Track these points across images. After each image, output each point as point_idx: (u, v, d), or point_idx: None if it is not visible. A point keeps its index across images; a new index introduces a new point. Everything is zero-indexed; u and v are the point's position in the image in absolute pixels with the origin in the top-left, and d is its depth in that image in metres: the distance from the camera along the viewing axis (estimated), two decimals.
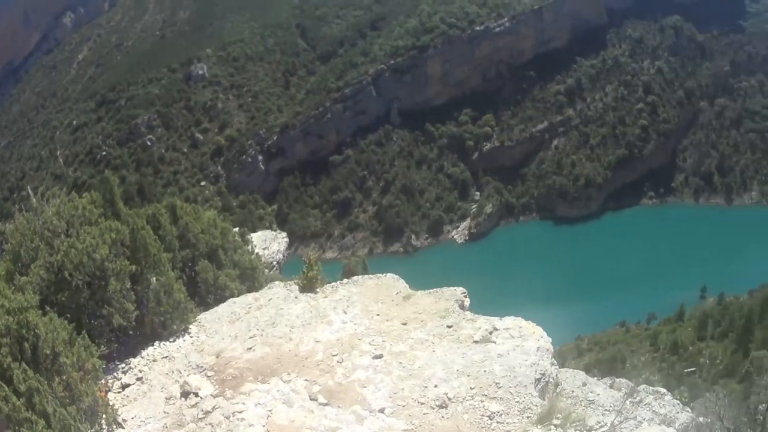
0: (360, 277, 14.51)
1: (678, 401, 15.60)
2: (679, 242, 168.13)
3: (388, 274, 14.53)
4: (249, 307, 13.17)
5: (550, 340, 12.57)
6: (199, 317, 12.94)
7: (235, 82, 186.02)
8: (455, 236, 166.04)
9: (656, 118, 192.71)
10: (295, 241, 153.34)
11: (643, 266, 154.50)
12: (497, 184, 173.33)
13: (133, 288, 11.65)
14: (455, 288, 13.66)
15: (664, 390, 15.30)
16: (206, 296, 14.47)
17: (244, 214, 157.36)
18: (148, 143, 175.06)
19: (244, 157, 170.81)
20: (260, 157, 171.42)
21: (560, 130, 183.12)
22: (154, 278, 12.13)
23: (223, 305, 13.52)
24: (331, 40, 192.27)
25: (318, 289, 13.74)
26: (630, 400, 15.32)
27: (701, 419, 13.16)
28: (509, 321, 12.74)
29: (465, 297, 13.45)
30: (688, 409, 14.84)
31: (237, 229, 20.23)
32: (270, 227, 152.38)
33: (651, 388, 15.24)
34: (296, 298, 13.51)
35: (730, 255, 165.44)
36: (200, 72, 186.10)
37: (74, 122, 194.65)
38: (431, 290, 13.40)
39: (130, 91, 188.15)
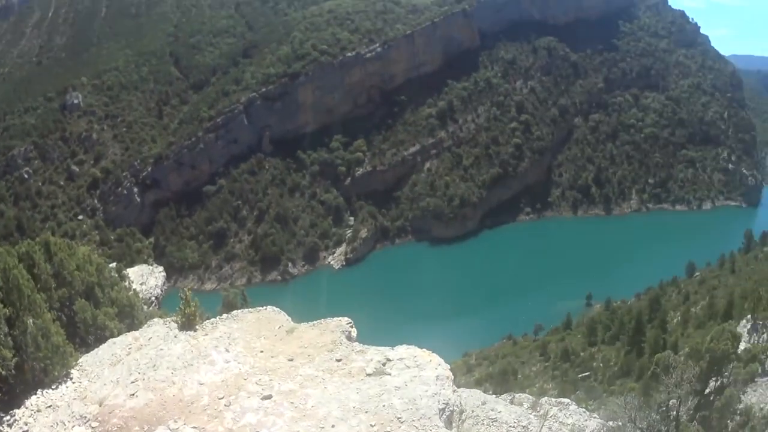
0: (240, 311, 13.72)
1: (584, 409, 16.09)
2: (561, 254, 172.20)
3: (269, 306, 13.85)
4: (129, 348, 12.41)
5: (448, 366, 12.06)
6: (80, 360, 12.11)
7: (109, 112, 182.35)
8: (332, 262, 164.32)
9: (530, 136, 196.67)
10: (174, 274, 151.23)
11: (525, 279, 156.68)
12: (371, 208, 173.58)
13: (9, 333, 11.00)
14: (340, 318, 12.98)
15: (567, 400, 15.96)
16: (86, 337, 13.70)
17: (122, 248, 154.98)
18: (25, 176, 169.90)
19: (119, 189, 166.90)
20: (135, 189, 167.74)
21: (433, 152, 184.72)
22: (31, 321, 11.41)
23: (103, 346, 12.72)
24: (204, 68, 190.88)
25: (197, 326, 12.94)
26: (534, 413, 15.81)
27: (611, 423, 13.00)
28: (402, 350, 12.12)
29: (351, 327, 12.74)
30: (596, 416, 15.05)
31: (113, 264, 19.51)
32: (147, 261, 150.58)
33: (554, 399, 15.60)
34: (176, 336, 12.71)
35: (614, 262, 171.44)
36: (75, 101, 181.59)
37: None
38: (315, 322, 12.79)
39: (7, 121, 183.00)
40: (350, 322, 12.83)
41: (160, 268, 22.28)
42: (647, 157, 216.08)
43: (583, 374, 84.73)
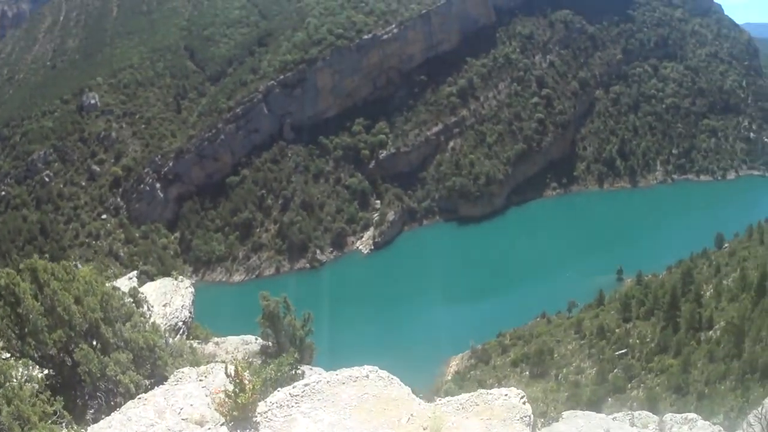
0: (325, 378, 9.72)
1: (710, 423, 14.51)
2: (589, 228, 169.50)
3: (366, 367, 10.28)
4: (151, 426, 8.80)
5: None
6: None
7: (127, 110, 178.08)
8: (360, 247, 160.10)
9: (552, 110, 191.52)
10: (201, 267, 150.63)
11: (555, 256, 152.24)
12: (397, 190, 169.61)
13: None
14: (506, 391, 9.32)
15: (693, 415, 14.50)
16: (94, 393, 10.81)
17: (147, 245, 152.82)
18: (46, 179, 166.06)
19: (142, 186, 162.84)
20: (158, 185, 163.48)
21: (455, 131, 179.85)
22: None
23: (115, 420, 9.09)
24: (220, 59, 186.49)
25: (257, 414, 8.65)
26: None
27: None
28: None
29: (524, 403, 9.02)
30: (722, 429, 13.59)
31: (128, 281, 16.85)
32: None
33: (678, 416, 14.44)
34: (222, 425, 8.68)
35: (642, 235, 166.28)
36: (92, 101, 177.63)
37: None
38: (464, 398, 9.30)
39: (25, 126, 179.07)
40: (523, 397, 9.37)
41: (187, 283, 19.02)
42: (670, 128, 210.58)
43: (620, 351, 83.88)
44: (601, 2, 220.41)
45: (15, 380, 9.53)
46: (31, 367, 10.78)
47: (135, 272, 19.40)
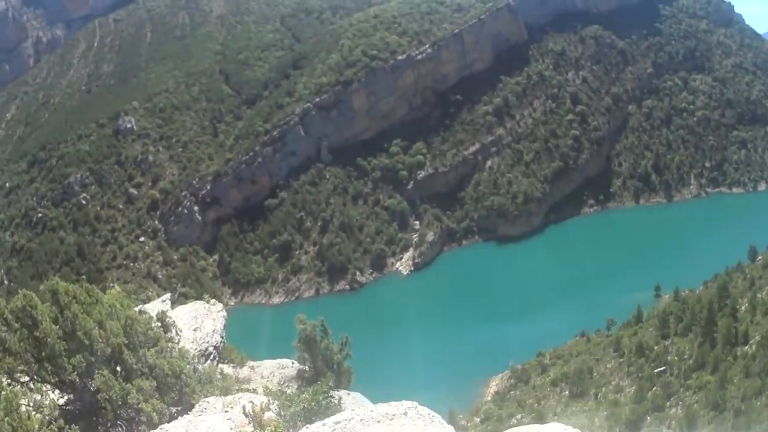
0: (353, 414, 9.03)
1: None
2: (626, 245, 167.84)
3: (405, 402, 9.43)
4: None
5: None
6: None
7: (164, 134, 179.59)
8: (400, 268, 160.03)
9: (587, 126, 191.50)
10: (240, 290, 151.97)
11: (593, 274, 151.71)
12: (436, 211, 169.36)
13: None
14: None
15: None
16: (115, 421, 10.56)
17: (186, 267, 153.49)
18: (83, 202, 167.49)
19: (179, 209, 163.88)
20: (196, 208, 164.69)
21: (492, 150, 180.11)
22: None
23: None
24: (256, 83, 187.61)
25: None
26: None
27: None
28: None
29: None
30: None
31: (158, 307, 16.06)
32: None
33: None
34: None
35: (679, 250, 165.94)
36: (128, 125, 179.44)
37: (7, 184, 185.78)
38: None
39: (61, 150, 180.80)
40: None
41: (219, 306, 18.29)
42: (702, 141, 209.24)
43: (659, 369, 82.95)
44: (629, 17, 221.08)
45: (24, 408, 9.25)
46: (44, 394, 10.55)
47: (168, 295, 19.00)
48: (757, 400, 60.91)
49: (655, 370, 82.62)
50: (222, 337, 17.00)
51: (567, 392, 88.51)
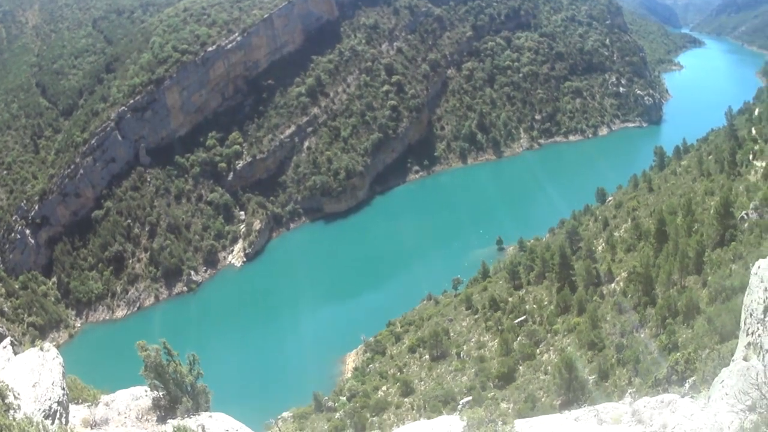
0: None
1: (697, 397, 14.32)
2: (460, 205, 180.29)
3: (215, 415, 12.51)
4: None
5: None
6: None
7: None
8: (233, 261, 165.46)
9: (404, 96, 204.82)
10: (84, 309, 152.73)
11: (429, 237, 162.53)
12: (259, 198, 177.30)
13: None
14: None
15: (671, 396, 14.37)
16: None
17: (28, 295, 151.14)
18: None
19: (12, 235, 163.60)
20: (27, 231, 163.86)
21: (309, 130, 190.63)
22: None
23: None
24: (71, 92, 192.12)
25: None
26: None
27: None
28: None
29: None
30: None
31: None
32: (56, 306, 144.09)
33: (653, 399, 14.42)
34: None
35: (516, 203, 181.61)
36: None
37: None
38: None
39: None
40: None
41: (53, 353, 16.37)
42: (530, 95, 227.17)
43: (519, 319, 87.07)
44: None
45: None
46: None
47: (8, 339, 17.24)
48: (639, 333, 64.21)
49: (515, 321, 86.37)
50: (63, 389, 15.40)
51: (427, 356, 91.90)
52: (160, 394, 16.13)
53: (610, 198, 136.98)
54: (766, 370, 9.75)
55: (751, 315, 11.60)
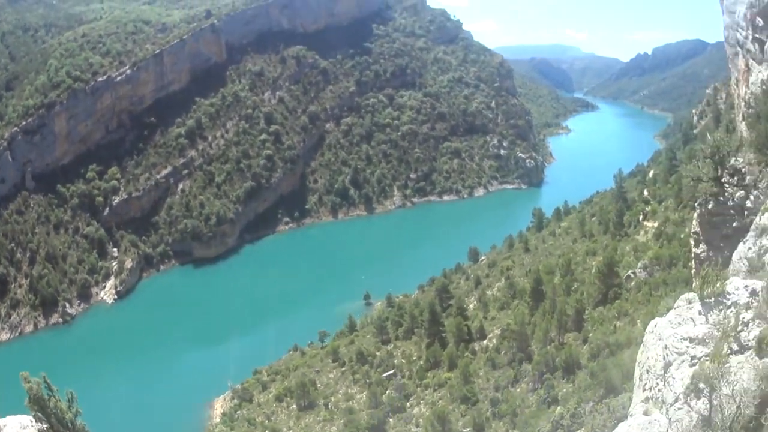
0: None
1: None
2: (329, 258, 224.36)
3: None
4: None
5: None
6: None
7: None
8: (105, 297, 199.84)
9: (281, 146, 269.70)
10: None
11: (297, 289, 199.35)
12: (132, 237, 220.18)
13: None
14: None
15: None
16: None
17: None
18: None
19: None
20: None
21: (185, 172, 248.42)
22: None
23: None
24: None
25: None
26: None
27: None
28: None
29: None
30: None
31: None
32: None
33: None
34: None
35: (387, 259, 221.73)
36: None
37: None
38: None
39: None
40: None
41: None
42: (407, 154, 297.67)
43: (388, 373, 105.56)
44: (338, 37, 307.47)
45: None
46: None
47: None
48: (516, 387, 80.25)
49: (384, 375, 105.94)
50: None
51: (294, 405, 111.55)
52: (44, 426, 19.30)
53: (483, 257, 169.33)
54: (670, 424, 12.18)
55: (648, 371, 14.41)
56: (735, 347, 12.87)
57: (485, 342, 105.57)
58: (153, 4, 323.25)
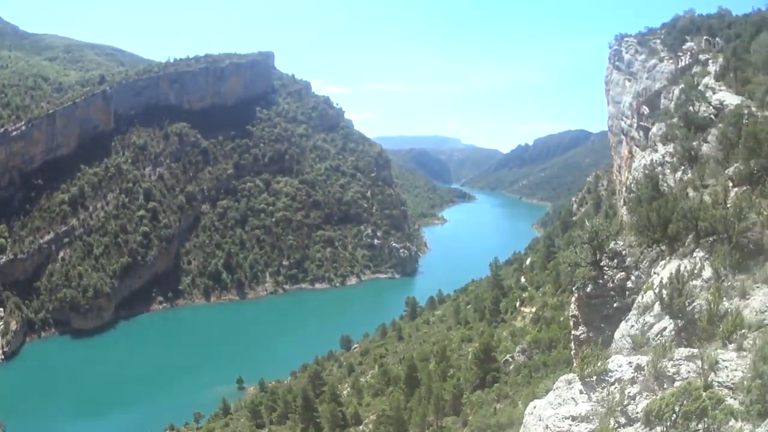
0: None
1: None
2: (201, 341, 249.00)
3: None
4: None
5: None
6: None
7: None
8: None
9: (158, 224, 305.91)
10: None
11: (171, 369, 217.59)
12: (16, 299, 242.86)
13: None
14: None
15: None
16: None
17: None
18: None
19: None
20: None
21: (66, 240, 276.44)
22: None
23: None
24: None
25: None
26: None
27: None
28: None
29: None
30: None
31: None
32: None
33: None
34: None
35: (258, 344, 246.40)
36: None
37: None
38: None
39: None
40: None
41: None
42: (280, 240, 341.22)
43: None
44: (223, 117, 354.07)
45: None
46: None
47: None
48: None
49: None
50: None
51: None
52: None
53: (355, 345, 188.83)
54: None
55: None
56: (622, 420, 15.21)
57: (361, 427, 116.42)
58: (54, 62, 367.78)
